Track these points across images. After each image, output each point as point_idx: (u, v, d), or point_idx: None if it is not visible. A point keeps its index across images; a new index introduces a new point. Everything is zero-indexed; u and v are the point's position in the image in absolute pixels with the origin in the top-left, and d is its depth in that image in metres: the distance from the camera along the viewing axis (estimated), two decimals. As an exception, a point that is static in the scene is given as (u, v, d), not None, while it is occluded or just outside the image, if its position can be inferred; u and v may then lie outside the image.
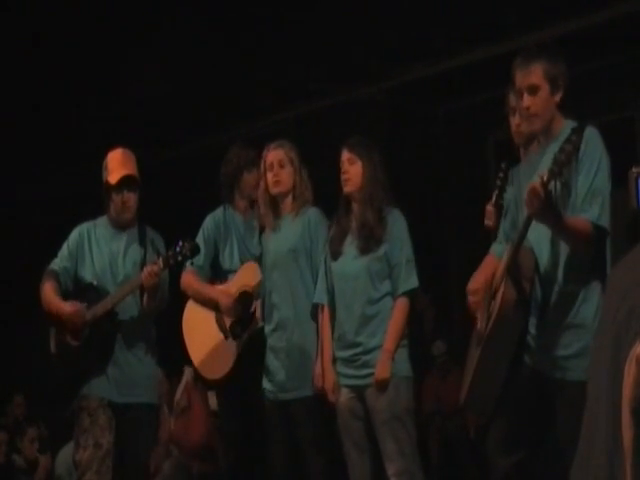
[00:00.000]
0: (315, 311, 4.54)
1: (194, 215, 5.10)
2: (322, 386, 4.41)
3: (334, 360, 4.41)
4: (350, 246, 4.44)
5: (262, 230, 4.82)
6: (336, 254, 4.46)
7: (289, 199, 4.67)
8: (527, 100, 3.51)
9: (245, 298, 4.85)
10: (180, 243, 4.51)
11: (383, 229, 4.38)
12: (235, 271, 4.90)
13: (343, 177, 4.48)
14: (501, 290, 3.44)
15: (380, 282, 4.37)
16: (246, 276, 4.84)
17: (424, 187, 7.92)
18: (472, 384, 3.59)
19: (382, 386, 4.25)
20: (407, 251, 4.41)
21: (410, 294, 4.39)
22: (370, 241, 4.37)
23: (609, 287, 1.97)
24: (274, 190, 4.65)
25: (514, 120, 3.97)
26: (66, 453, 6.93)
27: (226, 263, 4.94)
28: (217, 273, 4.97)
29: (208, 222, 4.99)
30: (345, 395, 4.36)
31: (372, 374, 4.27)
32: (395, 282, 4.37)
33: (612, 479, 1.68)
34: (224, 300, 4.79)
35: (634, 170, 5.07)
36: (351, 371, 4.35)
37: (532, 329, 3.50)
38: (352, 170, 4.45)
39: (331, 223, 4.58)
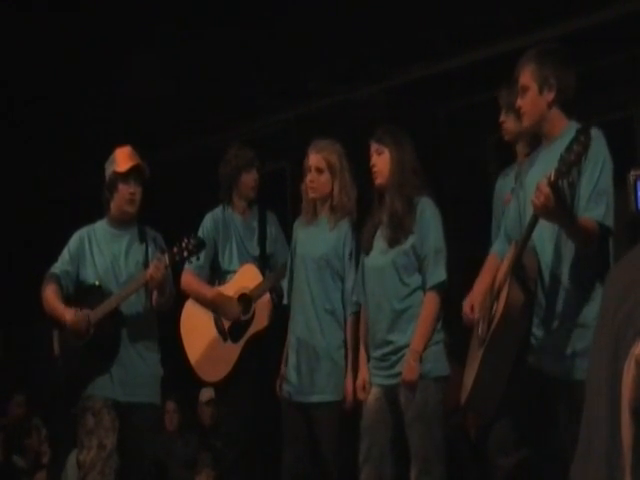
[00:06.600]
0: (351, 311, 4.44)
1: (193, 215, 5.09)
2: (352, 399, 4.34)
3: (368, 359, 4.32)
4: (379, 239, 4.30)
5: None
6: (367, 249, 4.34)
7: (326, 205, 4.57)
8: (519, 100, 3.62)
9: (244, 301, 4.84)
10: (185, 239, 4.51)
11: (412, 219, 4.21)
12: (234, 272, 4.88)
13: (373, 170, 4.33)
14: (505, 291, 3.44)
15: (408, 276, 4.21)
16: (245, 278, 4.83)
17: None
18: (475, 385, 3.58)
19: (409, 387, 4.12)
20: (436, 242, 4.23)
21: (438, 288, 4.20)
22: (399, 231, 4.21)
23: (608, 286, 1.97)
24: (309, 194, 4.58)
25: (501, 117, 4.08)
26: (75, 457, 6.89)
27: (225, 264, 4.92)
28: (216, 273, 4.95)
29: (207, 221, 4.96)
30: (374, 395, 4.24)
31: (401, 373, 4.15)
32: (424, 276, 4.21)
33: (611, 479, 1.68)
34: (223, 302, 4.78)
35: (633, 173, 5.06)
36: (382, 371, 4.25)
37: (535, 329, 3.50)
38: (380, 161, 4.30)
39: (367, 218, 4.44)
